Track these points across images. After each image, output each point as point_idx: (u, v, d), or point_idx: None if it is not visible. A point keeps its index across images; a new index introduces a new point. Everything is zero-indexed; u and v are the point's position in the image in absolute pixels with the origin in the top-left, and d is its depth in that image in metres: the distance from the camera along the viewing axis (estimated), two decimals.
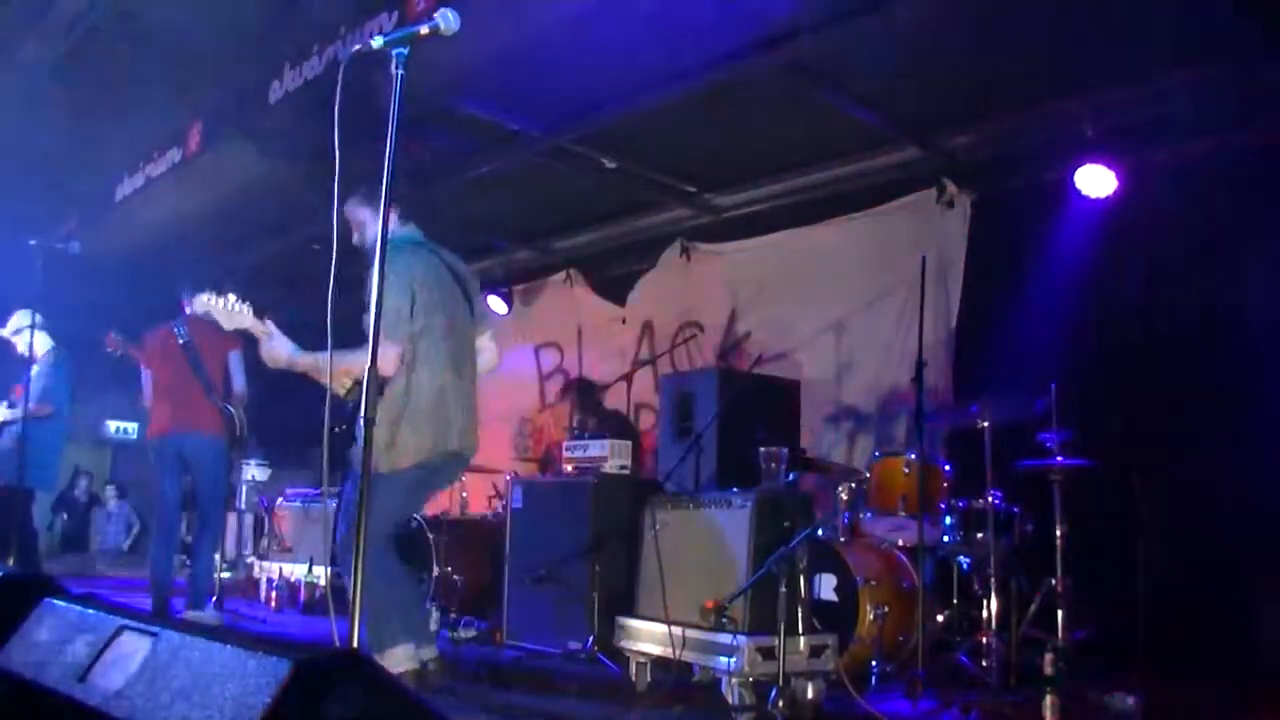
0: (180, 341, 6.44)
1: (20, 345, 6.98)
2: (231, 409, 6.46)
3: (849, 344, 7.42)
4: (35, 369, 6.93)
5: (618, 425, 7.24)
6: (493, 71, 6.09)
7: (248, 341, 6.69)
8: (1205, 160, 5.88)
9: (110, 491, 13.53)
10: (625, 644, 4.92)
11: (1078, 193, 6.07)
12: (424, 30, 2.99)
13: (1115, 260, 6.09)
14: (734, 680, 4.25)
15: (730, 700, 4.24)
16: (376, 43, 2.99)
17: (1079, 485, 5.08)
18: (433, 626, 6.14)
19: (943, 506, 5.38)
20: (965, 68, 6.08)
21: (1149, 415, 5.62)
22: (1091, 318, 6.11)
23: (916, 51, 5.87)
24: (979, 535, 5.19)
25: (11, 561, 6.03)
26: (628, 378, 7.45)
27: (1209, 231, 5.80)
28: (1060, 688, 3.96)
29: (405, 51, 2.98)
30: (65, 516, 13.37)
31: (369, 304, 3.16)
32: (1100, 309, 6.12)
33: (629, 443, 5.97)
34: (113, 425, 13.14)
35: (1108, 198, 6.03)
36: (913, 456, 5.38)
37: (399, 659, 4.04)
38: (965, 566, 5.30)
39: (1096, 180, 6.02)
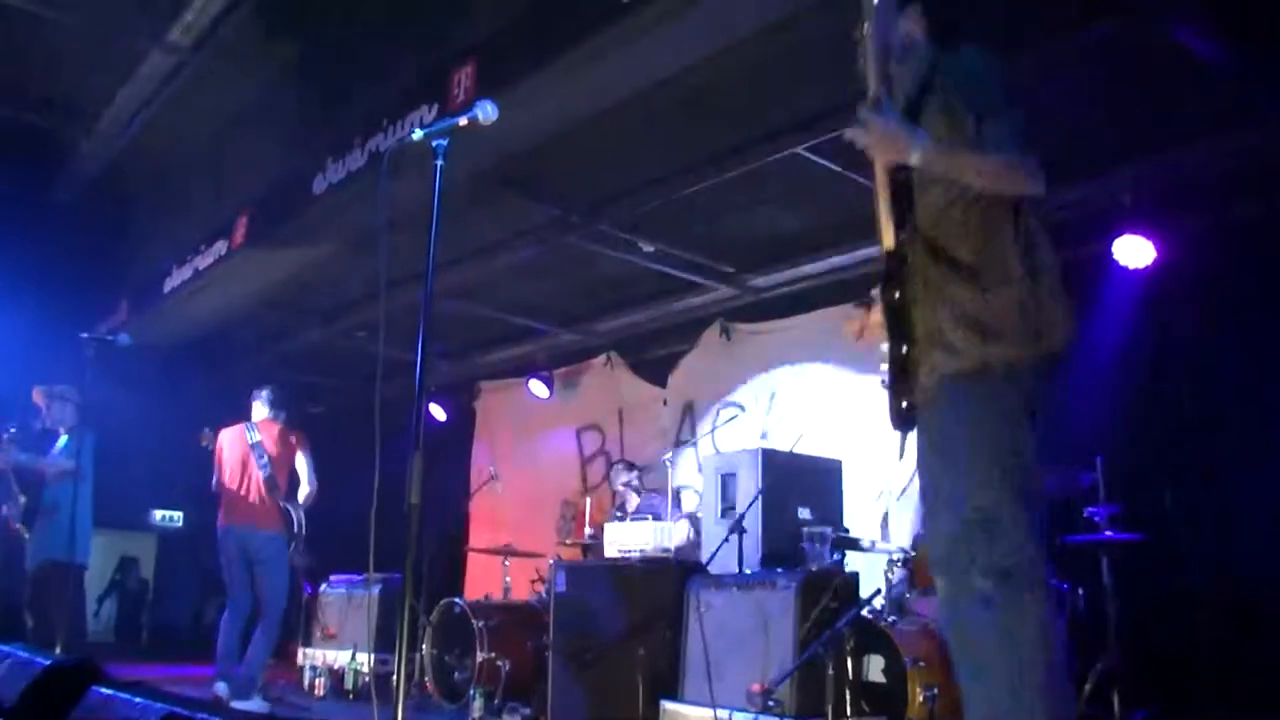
0: (250, 442, 6.89)
1: (48, 414, 7.20)
2: (290, 508, 6.83)
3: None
4: (61, 440, 7.12)
5: (660, 508, 7.21)
6: (530, 160, 6.18)
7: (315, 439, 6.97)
8: (1245, 226, 5.86)
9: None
10: None
11: (1116, 264, 6.03)
12: (463, 122, 3.06)
13: (1158, 330, 6.04)
14: None
15: None
16: (417, 135, 3.06)
17: (1130, 561, 4.98)
18: (477, 714, 6.12)
19: None
20: None
21: (1199, 487, 5.53)
22: (1136, 389, 6.03)
23: None
24: None
25: (58, 647, 5.97)
26: (669, 459, 7.45)
27: (1254, 297, 5.75)
28: None
29: (445, 143, 3.04)
30: (115, 603, 13.41)
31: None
32: (1145, 380, 6.04)
33: (671, 525, 5.94)
34: (159, 514, 13.19)
35: (1147, 267, 5.98)
36: None
37: None
38: None
39: (1135, 250, 5.97)
